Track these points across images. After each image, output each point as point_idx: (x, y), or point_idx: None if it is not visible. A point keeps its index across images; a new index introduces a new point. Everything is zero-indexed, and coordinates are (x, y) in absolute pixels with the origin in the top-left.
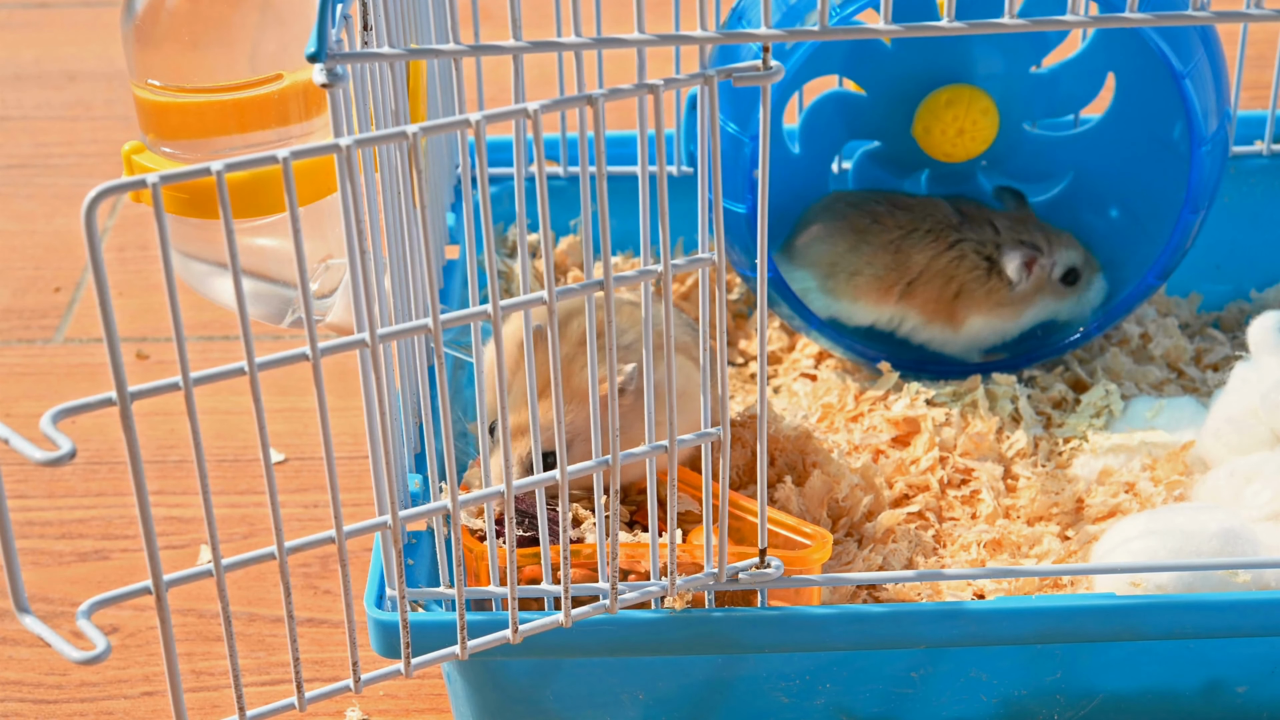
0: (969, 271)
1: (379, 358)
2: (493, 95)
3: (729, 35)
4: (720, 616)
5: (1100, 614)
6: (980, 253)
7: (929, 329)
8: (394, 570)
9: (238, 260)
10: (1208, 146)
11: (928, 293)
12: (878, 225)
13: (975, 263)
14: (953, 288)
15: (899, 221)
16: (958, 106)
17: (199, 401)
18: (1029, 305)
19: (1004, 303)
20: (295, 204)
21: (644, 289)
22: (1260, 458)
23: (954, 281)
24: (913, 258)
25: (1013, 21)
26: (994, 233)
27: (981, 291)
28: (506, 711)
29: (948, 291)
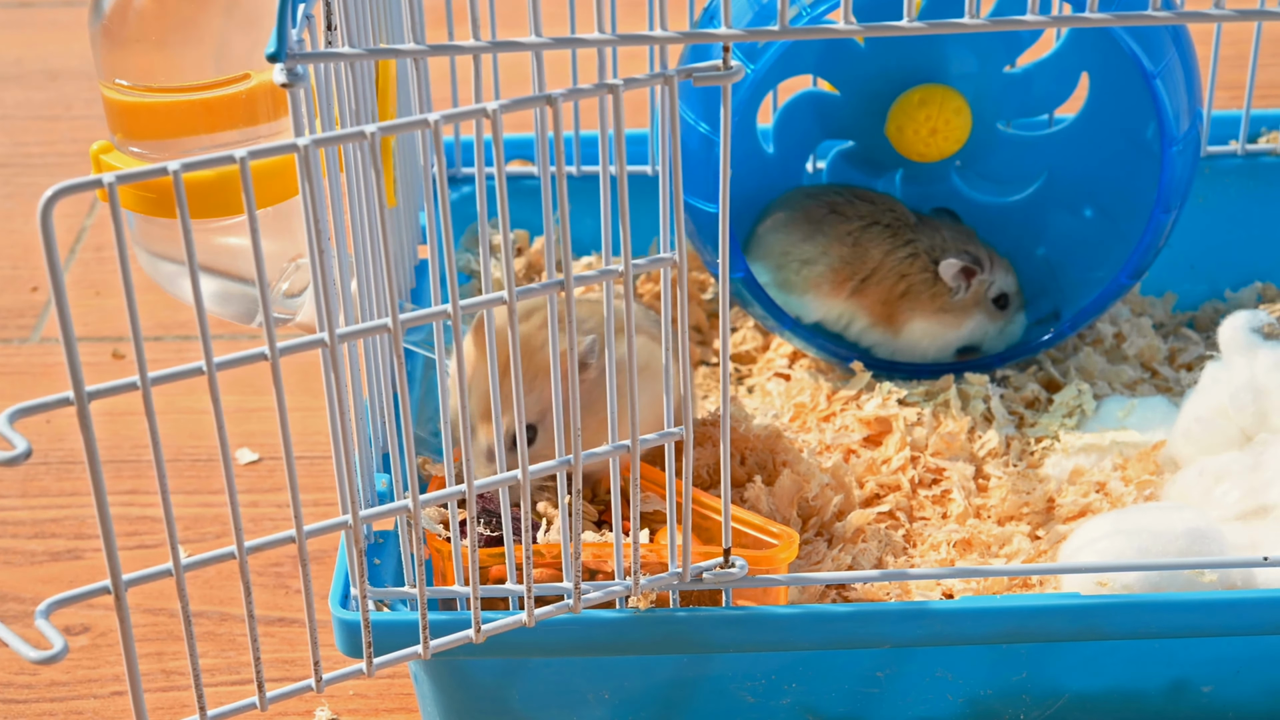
0: (919, 272)
1: (337, 357)
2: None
3: (689, 35)
4: (684, 616)
5: (1064, 614)
6: (930, 255)
7: (872, 332)
8: (356, 570)
9: (195, 258)
10: (1179, 146)
11: (878, 291)
12: (835, 215)
13: (925, 264)
14: (901, 287)
15: (859, 212)
16: (930, 106)
17: (175, 401)
18: (966, 318)
19: (945, 309)
20: (253, 203)
21: (605, 288)
22: (1229, 457)
23: (903, 280)
24: (869, 251)
25: (973, 21)
26: (942, 239)
27: (927, 294)
28: (473, 711)
29: (895, 291)
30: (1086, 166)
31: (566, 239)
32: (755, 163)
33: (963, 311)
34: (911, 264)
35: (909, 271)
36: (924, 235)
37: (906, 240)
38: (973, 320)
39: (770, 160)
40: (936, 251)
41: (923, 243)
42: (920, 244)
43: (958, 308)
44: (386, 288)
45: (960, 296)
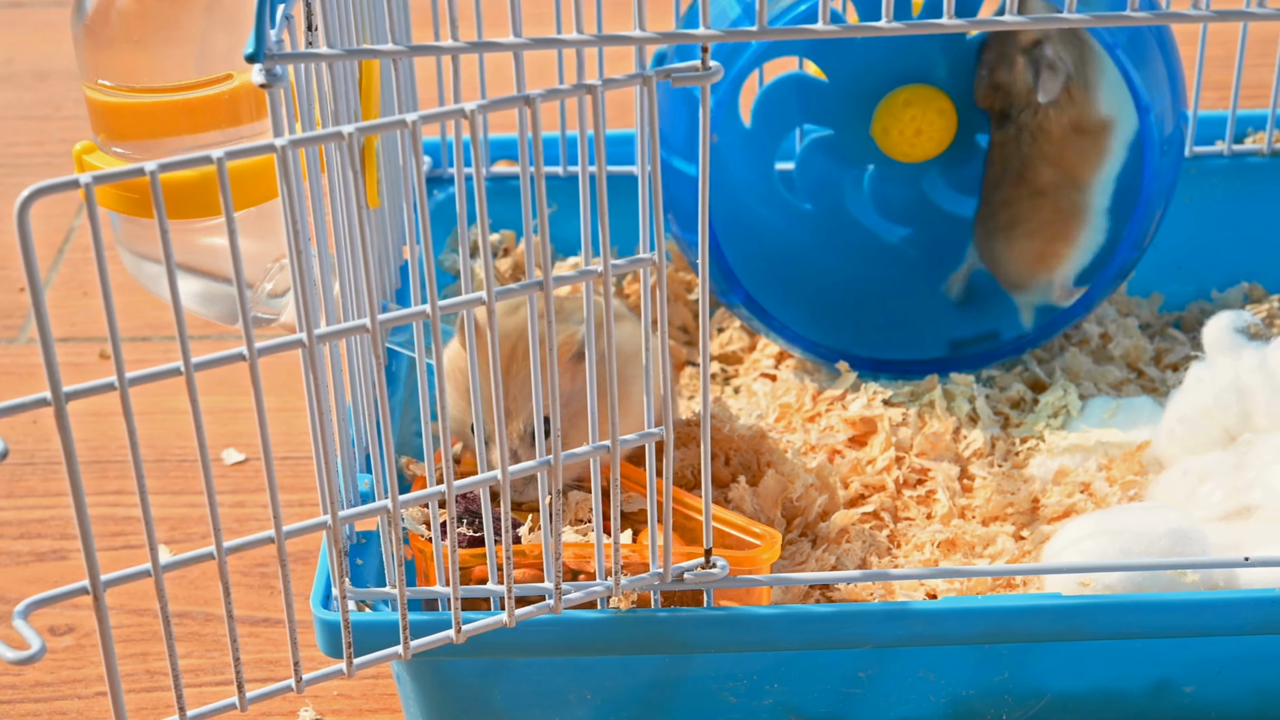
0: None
1: (316, 358)
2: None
3: (668, 36)
4: (665, 617)
5: (1046, 614)
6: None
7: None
8: (336, 570)
9: (172, 258)
10: (1162, 147)
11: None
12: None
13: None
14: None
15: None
16: (915, 107)
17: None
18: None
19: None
20: (230, 204)
21: (586, 289)
22: (1214, 458)
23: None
24: (1044, 178)
25: (952, 22)
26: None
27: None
28: (455, 711)
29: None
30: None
31: (545, 240)
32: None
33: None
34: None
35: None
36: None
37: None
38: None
39: (747, 135)
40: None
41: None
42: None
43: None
44: (365, 288)
45: (1066, 67)
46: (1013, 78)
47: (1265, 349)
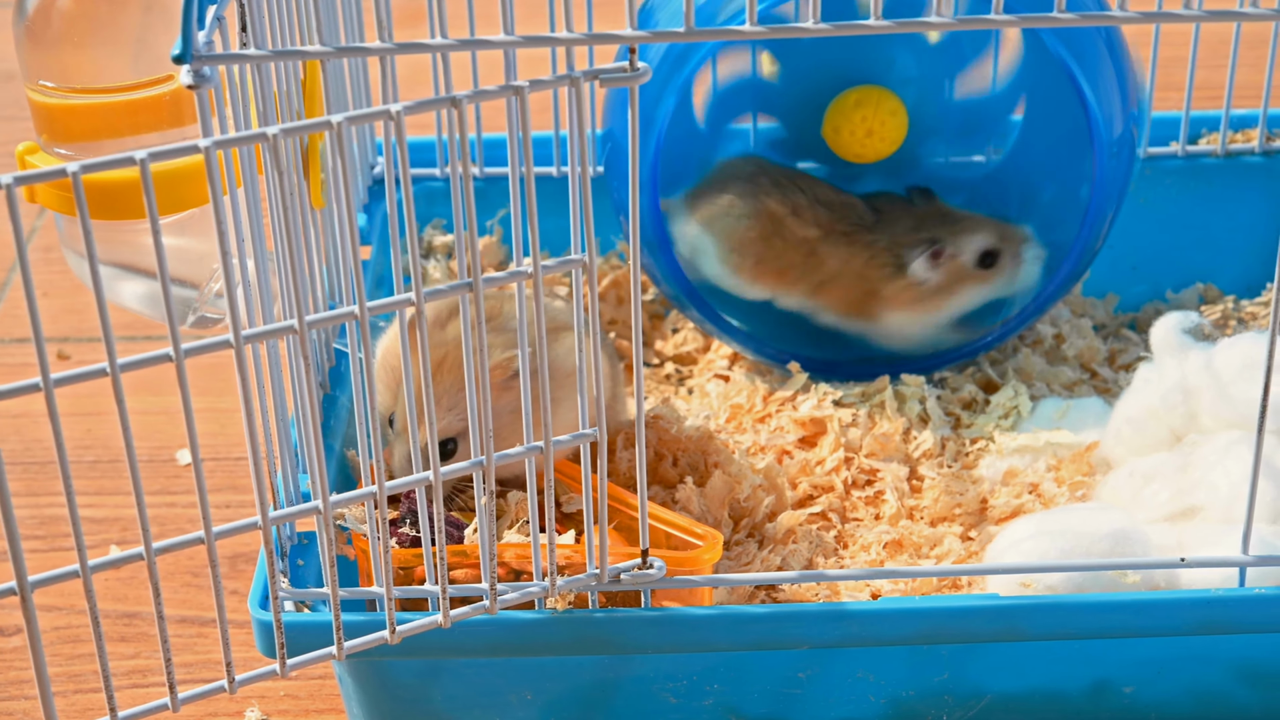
0: (879, 269)
1: (243, 358)
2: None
3: (592, 37)
4: (601, 617)
5: (983, 614)
6: (891, 252)
7: (848, 321)
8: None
9: (95, 258)
10: (1111, 150)
11: (838, 292)
12: (796, 219)
13: (887, 260)
14: (864, 288)
15: (819, 219)
16: (866, 107)
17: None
18: (949, 295)
19: (920, 298)
20: (154, 204)
21: (518, 289)
22: (1159, 458)
23: (865, 283)
24: (826, 262)
25: (879, 23)
26: (905, 230)
27: (892, 290)
28: (395, 712)
29: (859, 291)
30: (1020, 171)
31: (474, 240)
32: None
33: (941, 293)
34: (869, 264)
35: (869, 273)
36: (883, 233)
37: (866, 243)
38: (956, 295)
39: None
40: (897, 247)
41: (883, 241)
42: (880, 243)
43: (932, 292)
44: (291, 288)
45: (934, 281)
46: (912, 228)
47: (1211, 350)
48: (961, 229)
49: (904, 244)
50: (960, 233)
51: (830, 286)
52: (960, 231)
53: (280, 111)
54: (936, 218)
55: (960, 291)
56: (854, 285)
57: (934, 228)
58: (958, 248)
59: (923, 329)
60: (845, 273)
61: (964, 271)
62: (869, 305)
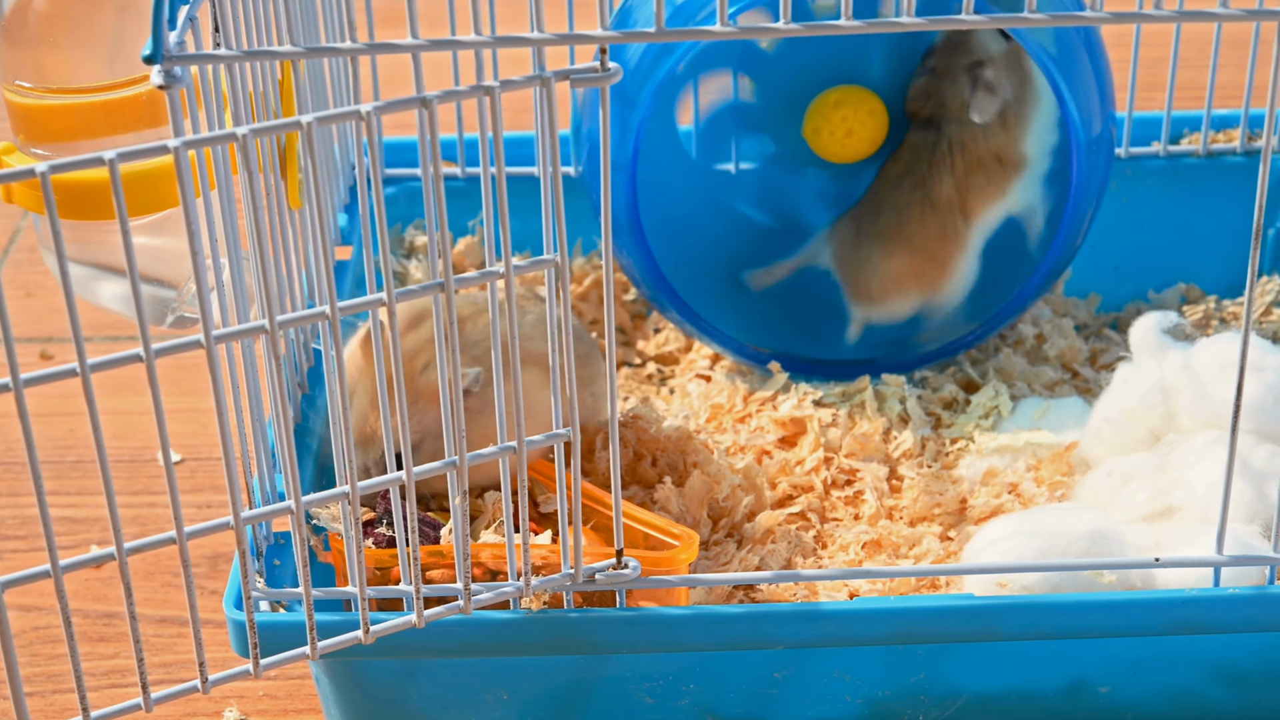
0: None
1: (214, 358)
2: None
3: (563, 38)
4: (576, 617)
5: (957, 614)
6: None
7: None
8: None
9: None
10: (1090, 148)
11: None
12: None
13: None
14: (990, 147)
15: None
16: (846, 107)
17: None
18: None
19: (1016, 101)
20: (123, 204)
21: (490, 290)
22: (1138, 458)
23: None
24: (942, 192)
25: (849, 24)
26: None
27: (993, 144)
28: (372, 712)
29: (988, 155)
30: None
31: (445, 241)
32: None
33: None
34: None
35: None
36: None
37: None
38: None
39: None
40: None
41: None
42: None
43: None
44: (262, 288)
45: (1004, 93)
46: (952, 90)
47: (1190, 350)
48: (960, 55)
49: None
50: (971, 40)
51: (965, 197)
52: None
53: (256, 112)
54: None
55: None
56: (977, 175)
57: (960, 61)
58: (982, 45)
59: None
60: (959, 179)
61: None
62: (997, 173)
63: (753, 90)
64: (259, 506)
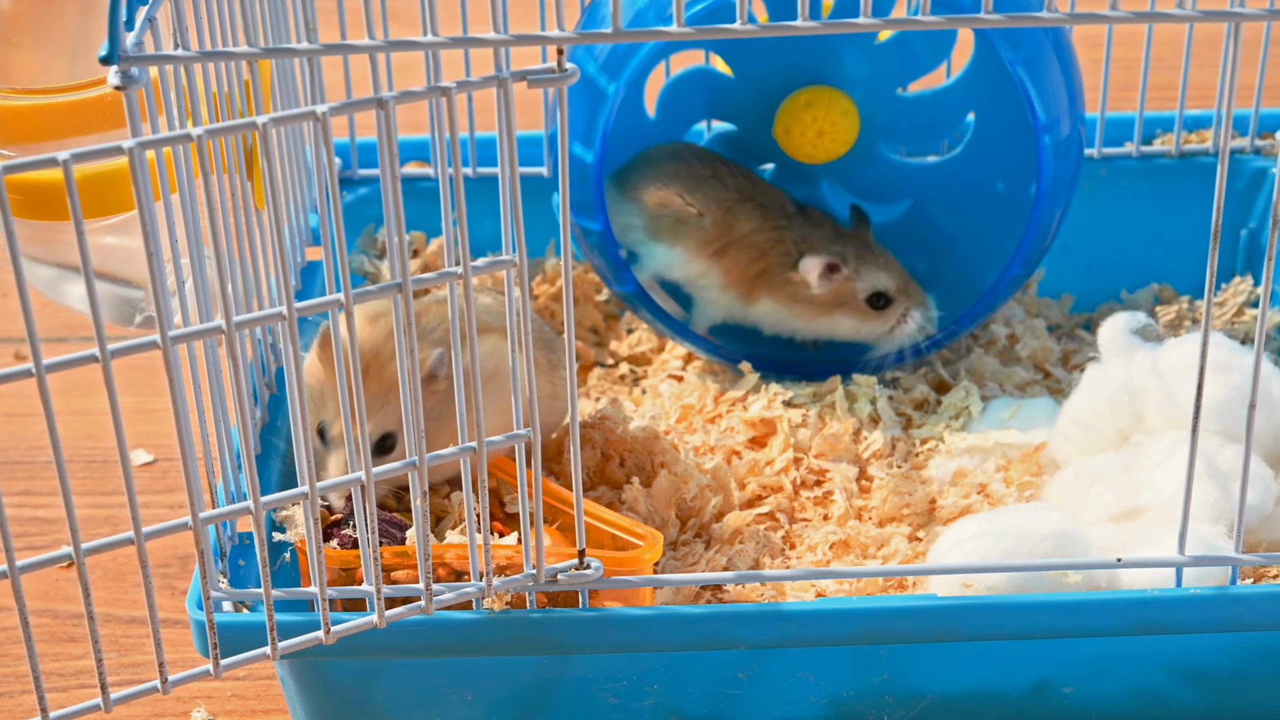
0: (778, 257)
1: (170, 359)
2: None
3: (519, 38)
4: (537, 618)
5: (919, 615)
6: (796, 245)
7: (725, 295)
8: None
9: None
10: (1058, 150)
11: (737, 260)
12: (716, 181)
13: (787, 251)
14: (759, 265)
15: (739, 185)
16: (817, 108)
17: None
18: (825, 314)
19: (799, 299)
20: (78, 204)
21: (450, 290)
22: (1105, 459)
23: (763, 259)
24: (738, 223)
25: (808, 25)
26: (820, 236)
27: (781, 279)
28: (336, 712)
29: (754, 267)
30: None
31: (401, 237)
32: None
33: (820, 307)
34: (773, 247)
35: (768, 252)
36: (797, 227)
37: (776, 225)
38: (831, 318)
39: (651, 126)
40: (804, 245)
41: (793, 233)
42: (790, 233)
43: (813, 300)
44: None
45: (820, 292)
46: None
47: (1158, 350)
48: (871, 261)
49: (811, 243)
50: (868, 263)
51: (730, 251)
52: (869, 262)
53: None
54: (856, 241)
55: (836, 315)
56: (750, 258)
57: (847, 246)
58: (858, 274)
59: (786, 328)
60: (748, 240)
61: (849, 299)
62: (753, 285)
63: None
64: (223, 507)
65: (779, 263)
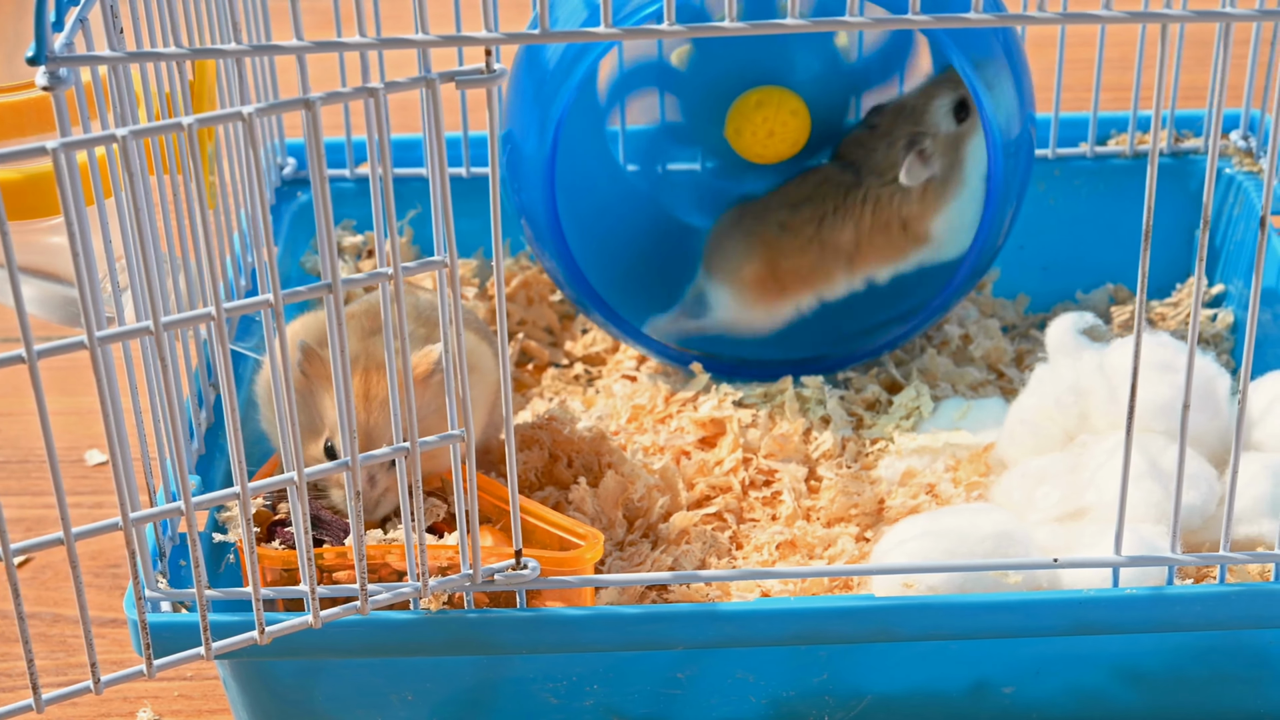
0: (889, 204)
1: (97, 359)
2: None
3: (450, 39)
4: (474, 618)
5: (855, 615)
6: (860, 179)
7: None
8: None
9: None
10: (1008, 150)
11: (871, 252)
12: (788, 233)
13: (891, 191)
14: (888, 231)
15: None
16: (767, 108)
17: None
18: (957, 162)
19: (937, 192)
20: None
21: (382, 290)
22: (1051, 459)
23: (885, 221)
24: (841, 237)
25: (733, 25)
26: (882, 157)
27: (917, 207)
28: (277, 712)
29: (882, 237)
30: None
31: (329, 238)
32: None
33: (956, 162)
34: (878, 208)
35: (891, 206)
36: (868, 175)
37: (863, 196)
38: (964, 159)
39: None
40: (866, 172)
41: (873, 183)
42: (872, 185)
43: (948, 171)
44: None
45: (934, 168)
46: (887, 149)
47: (1105, 350)
48: (919, 110)
49: (869, 166)
50: (921, 112)
51: (862, 251)
52: (920, 112)
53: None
54: (884, 124)
55: (965, 156)
56: (879, 235)
57: (904, 127)
58: (927, 129)
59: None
60: (862, 232)
61: (952, 143)
62: (900, 240)
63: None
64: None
65: (899, 203)
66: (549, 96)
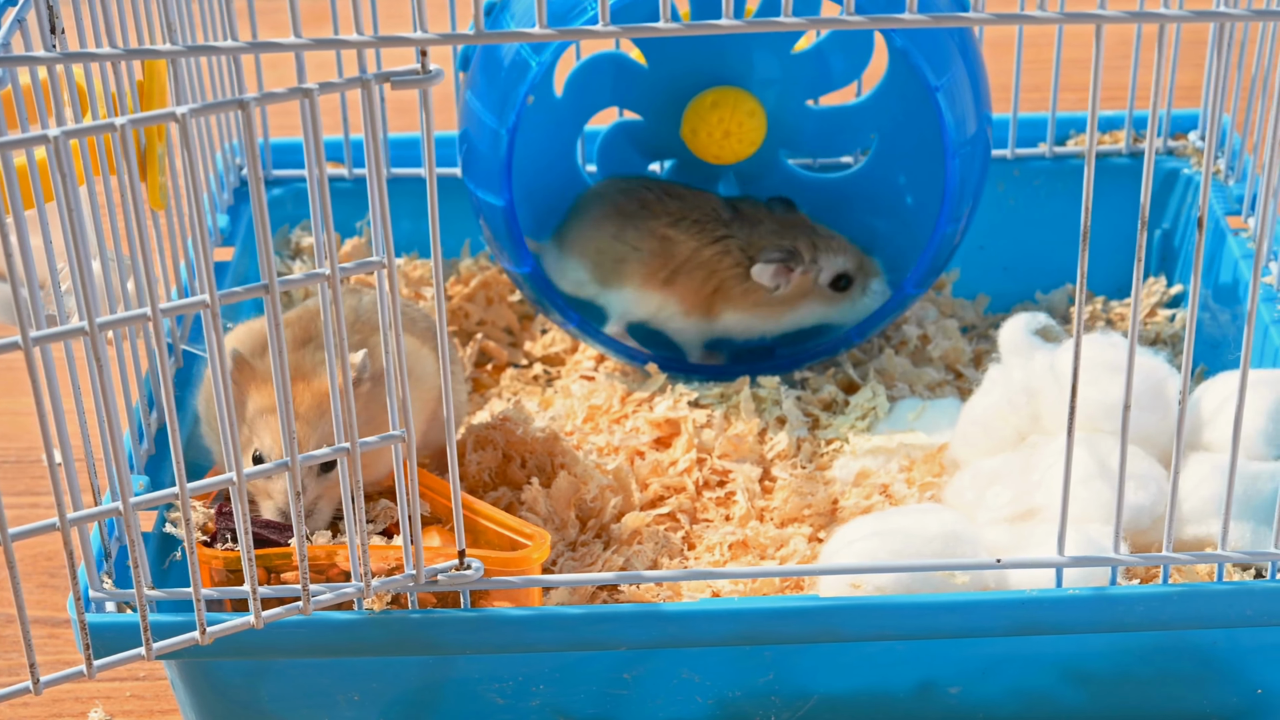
0: (729, 269)
1: (33, 359)
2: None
3: (383, 40)
4: (417, 618)
5: (799, 615)
6: (744, 251)
7: (686, 320)
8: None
9: None
10: (964, 150)
11: (688, 283)
12: (645, 211)
13: (737, 260)
14: (712, 283)
15: (668, 209)
16: (723, 109)
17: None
18: (790, 309)
19: (762, 304)
20: None
21: (320, 290)
22: (1002, 459)
23: (714, 276)
24: (676, 247)
25: (668, 26)
26: (764, 233)
27: (739, 290)
28: (224, 712)
29: (707, 286)
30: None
31: (266, 238)
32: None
33: (783, 304)
34: (721, 259)
35: (718, 267)
36: (739, 232)
37: (717, 237)
38: (798, 310)
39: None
40: (752, 248)
41: (737, 239)
42: (734, 241)
43: (776, 301)
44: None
45: (783, 291)
46: (769, 236)
47: (1056, 351)
48: (825, 246)
49: (758, 245)
50: (822, 250)
51: (680, 278)
52: (823, 249)
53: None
54: (801, 229)
55: (802, 306)
56: (702, 278)
57: (796, 237)
58: (816, 263)
59: (754, 334)
60: (694, 261)
61: (812, 289)
62: (711, 302)
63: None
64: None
65: (732, 274)
66: (504, 95)
